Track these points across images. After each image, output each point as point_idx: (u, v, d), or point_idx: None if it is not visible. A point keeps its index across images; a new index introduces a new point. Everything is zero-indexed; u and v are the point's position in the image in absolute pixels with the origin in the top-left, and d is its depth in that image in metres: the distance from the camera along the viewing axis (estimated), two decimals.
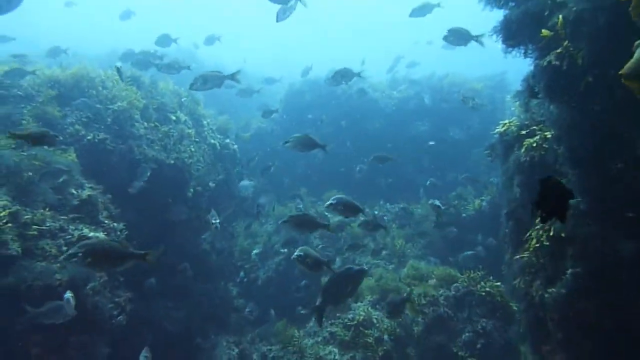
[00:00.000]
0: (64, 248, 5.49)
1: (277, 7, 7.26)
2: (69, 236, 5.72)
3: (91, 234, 5.98)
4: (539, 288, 4.76)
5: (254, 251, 10.70)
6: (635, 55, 2.82)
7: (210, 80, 6.81)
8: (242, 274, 10.30)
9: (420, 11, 8.29)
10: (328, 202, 5.76)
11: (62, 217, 5.89)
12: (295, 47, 39.08)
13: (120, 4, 14.87)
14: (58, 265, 5.19)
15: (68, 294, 4.82)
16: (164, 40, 11.41)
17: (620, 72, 2.86)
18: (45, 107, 7.05)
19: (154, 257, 4.08)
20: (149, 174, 7.81)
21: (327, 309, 5.47)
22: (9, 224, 4.95)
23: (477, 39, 7.43)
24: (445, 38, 7.55)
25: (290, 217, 5.52)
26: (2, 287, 4.61)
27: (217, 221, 6.71)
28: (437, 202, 7.98)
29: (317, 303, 5.18)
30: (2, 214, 4.92)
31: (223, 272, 10.60)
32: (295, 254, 5.23)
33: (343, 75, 8.87)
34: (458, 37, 7.45)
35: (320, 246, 10.61)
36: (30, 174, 5.70)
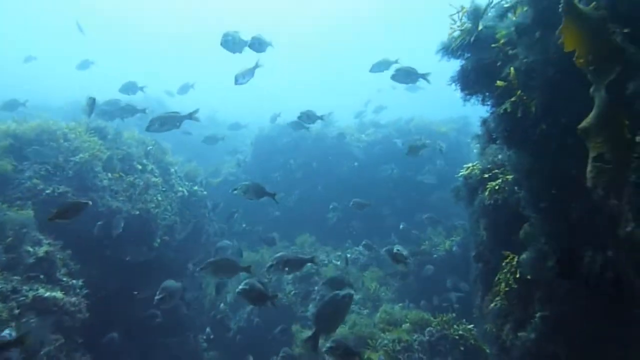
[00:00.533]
0: (16, 311, 5.17)
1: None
2: (23, 297, 5.40)
3: (47, 294, 5.67)
4: (509, 332, 4.73)
5: (221, 305, 10.37)
6: (594, 112, 2.94)
7: (169, 122, 6.54)
8: (207, 329, 9.88)
9: (379, 67, 8.56)
10: (268, 264, 5.50)
11: (16, 278, 5.58)
12: (267, 95, 39.76)
13: (87, 54, 14.83)
14: (8, 331, 4.85)
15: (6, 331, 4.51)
16: (130, 87, 10.95)
17: (578, 127, 2.99)
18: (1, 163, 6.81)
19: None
20: (122, 224, 7.57)
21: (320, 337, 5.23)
22: None
23: (424, 76, 7.67)
24: (393, 77, 7.75)
25: (209, 263, 5.35)
26: None
27: (160, 297, 5.97)
28: (398, 248, 7.81)
29: (311, 333, 5.09)
30: None
31: (193, 324, 10.20)
32: (240, 287, 5.08)
33: (308, 117, 9.02)
34: (405, 75, 7.68)
35: (293, 292, 10.38)
36: None
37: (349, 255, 11.77)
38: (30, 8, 46.82)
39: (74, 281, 6.48)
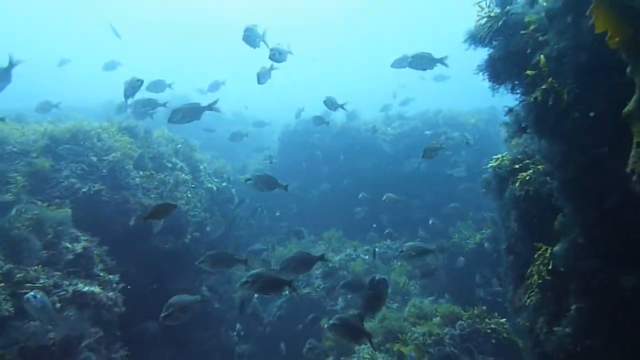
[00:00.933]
0: (58, 305, 5.39)
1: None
2: (63, 292, 5.63)
3: (85, 289, 5.89)
4: (543, 325, 4.64)
5: (255, 295, 10.49)
6: (637, 94, 2.83)
7: (190, 113, 6.65)
8: (237, 326, 10.00)
9: (400, 63, 8.36)
10: (242, 280, 5.09)
11: (56, 273, 5.81)
12: (297, 90, 39.84)
13: (114, 54, 15.14)
14: (52, 323, 5.07)
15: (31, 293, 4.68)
16: (157, 85, 11.12)
17: (623, 111, 2.88)
18: (39, 162, 7.07)
19: None
20: (162, 223, 7.72)
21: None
22: (2, 284, 4.87)
23: (441, 61, 7.47)
24: (410, 64, 7.58)
25: (206, 256, 5.37)
26: None
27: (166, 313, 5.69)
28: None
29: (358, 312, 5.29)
30: None
31: (224, 318, 10.39)
32: (244, 279, 4.94)
33: (332, 103, 9.05)
34: (423, 61, 7.51)
35: (322, 286, 10.44)
36: (22, 230, 5.65)
37: (377, 250, 11.74)
38: (58, 9, 48.22)
39: (111, 276, 6.70)
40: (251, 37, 7.02)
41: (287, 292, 10.29)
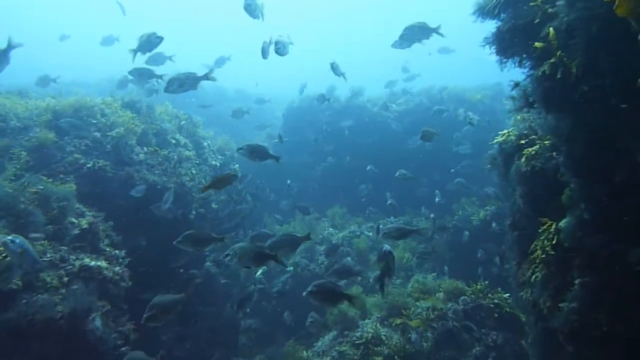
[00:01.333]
0: (65, 279, 5.45)
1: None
2: (70, 266, 5.69)
3: (92, 263, 5.95)
4: (547, 300, 4.67)
5: (258, 272, 10.60)
6: None
7: (187, 82, 6.57)
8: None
9: (401, 44, 7.97)
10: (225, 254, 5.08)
11: (63, 248, 5.87)
12: (303, 64, 39.40)
13: (125, 30, 14.91)
14: (59, 297, 5.14)
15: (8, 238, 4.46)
16: (157, 58, 10.39)
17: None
18: (43, 137, 7.06)
19: None
20: (172, 198, 7.76)
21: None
22: (8, 258, 4.91)
23: (436, 31, 7.25)
24: (402, 37, 7.35)
25: (184, 236, 5.44)
26: (3, 323, 4.56)
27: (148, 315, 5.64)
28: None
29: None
30: (1, 248, 4.89)
31: (230, 293, 10.52)
32: (227, 252, 4.93)
33: (335, 68, 9.17)
34: (417, 32, 7.29)
35: (325, 262, 10.52)
36: (28, 204, 5.68)
37: (380, 226, 11.76)
38: None
39: (117, 251, 6.76)
40: (251, 7, 6.92)
41: (291, 267, 10.46)
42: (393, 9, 49.01)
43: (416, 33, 7.26)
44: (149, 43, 7.44)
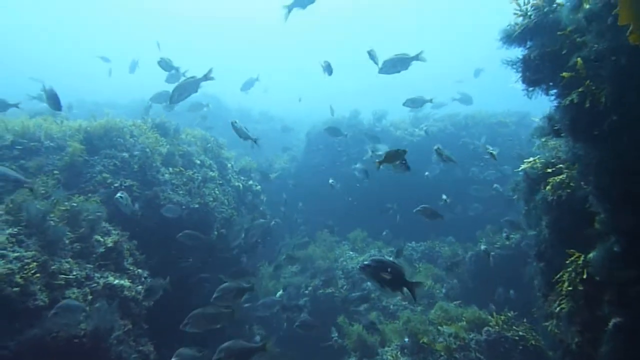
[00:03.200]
0: (90, 297, 5.54)
1: None
2: (95, 284, 5.78)
3: (116, 282, 6.03)
4: (574, 335, 4.51)
5: (278, 293, 10.55)
6: None
7: (187, 88, 6.65)
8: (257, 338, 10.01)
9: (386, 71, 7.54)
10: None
11: (88, 265, 5.97)
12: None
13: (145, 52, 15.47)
14: (83, 314, 5.22)
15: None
16: (174, 76, 10.77)
17: None
18: (73, 156, 7.29)
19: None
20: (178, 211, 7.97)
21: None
22: (37, 275, 5.04)
23: (418, 57, 7.11)
24: (381, 70, 7.23)
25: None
26: (29, 340, 4.64)
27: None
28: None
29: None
30: (31, 265, 5.02)
31: (247, 315, 10.49)
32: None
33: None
34: (396, 64, 7.18)
35: (345, 287, 10.43)
36: (57, 222, 5.83)
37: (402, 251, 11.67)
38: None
39: (140, 270, 6.85)
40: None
41: (310, 289, 10.38)
42: (421, 32, 49.62)
43: (395, 65, 7.21)
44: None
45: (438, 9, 48.80)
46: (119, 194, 6.80)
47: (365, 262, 4.27)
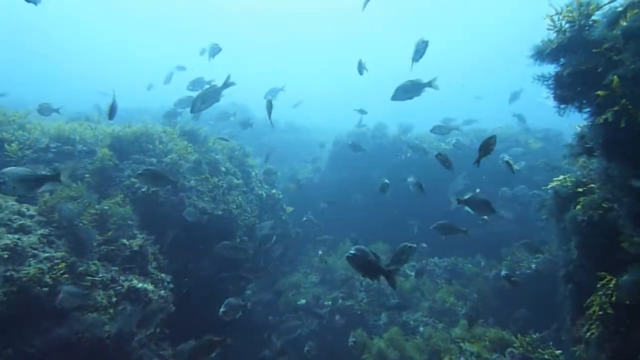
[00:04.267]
0: (114, 299, 5.63)
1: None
2: (119, 287, 5.87)
3: (139, 285, 6.13)
4: None
5: (299, 302, 10.52)
6: None
7: (209, 98, 6.67)
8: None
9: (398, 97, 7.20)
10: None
11: (114, 268, 6.09)
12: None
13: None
14: (107, 316, 5.31)
15: None
16: (198, 83, 10.80)
17: None
18: (104, 161, 7.47)
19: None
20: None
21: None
22: (66, 275, 5.16)
23: (430, 84, 6.85)
24: (394, 97, 6.98)
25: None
26: (56, 339, 4.74)
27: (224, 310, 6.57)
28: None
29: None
30: (60, 265, 5.15)
31: (267, 324, 10.49)
32: None
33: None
34: (408, 90, 7.00)
35: (365, 300, 10.33)
36: (87, 224, 5.98)
37: (424, 267, 11.52)
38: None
39: (163, 275, 6.95)
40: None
41: (330, 302, 10.32)
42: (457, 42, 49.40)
43: (408, 91, 7.05)
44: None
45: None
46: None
47: (352, 252, 4.46)
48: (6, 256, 4.77)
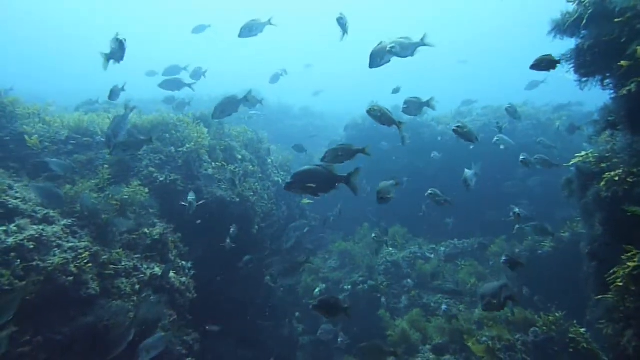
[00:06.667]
0: (137, 287, 5.73)
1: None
2: (142, 275, 5.97)
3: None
4: (631, 339, 4.28)
5: (317, 289, 10.58)
6: None
7: (228, 107, 7.04)
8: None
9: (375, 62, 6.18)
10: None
11: (136, 256, 6.18)
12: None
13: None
14: (132, 304, 5.41)
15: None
16: (173, 70, 11.25)
17: None
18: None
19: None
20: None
21: None
22: (90, 264, 5.25)
23: (423, 43, 6.58)
24: (405, 110, 6.95)
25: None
26: (83, 326, 4.85)
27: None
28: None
29: None
30: (84, 255, 5.24)
31: (288, 309, 10.59)
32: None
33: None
34: (413, 107, 6.85)
35: (385, 283, 10.33)
36: (109, 214, 6.07)
37: (443, 250, 11.45)
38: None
39: (184, 262, 7.04)
40: (343, 21, 6.59)
41: (349, 286, 10.35)
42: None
43: (413, 108, 6.91)
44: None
45: None
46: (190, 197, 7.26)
47: (290, 180, 4.34)
48: (32, 247, 4.87)
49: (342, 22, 6.60)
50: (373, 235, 10.71)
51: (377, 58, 5.83)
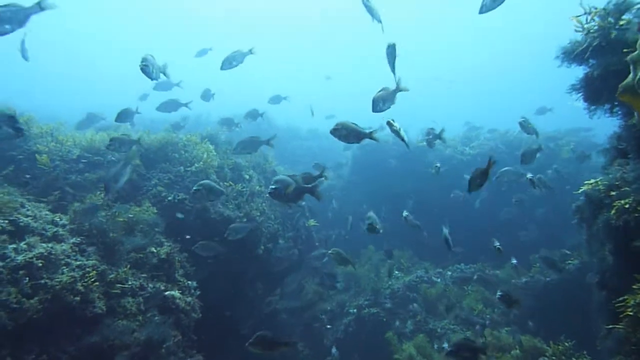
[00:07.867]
0: (143, 307, 5.71)
1: None
2: (148, 294, 5.95)
3: (167, 292, 6.19)
4: None
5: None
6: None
7: (249, 146, 8.16)
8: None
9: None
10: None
11: (142, 275, 6.17)
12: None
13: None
14: (137, 324, 5.38)
15: None
16: (165, 85, 11.07)
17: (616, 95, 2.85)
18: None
19: None
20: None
21: None
22: (96, 283, 5.25)
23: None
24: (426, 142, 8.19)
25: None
26: (88, 346, 4.83)
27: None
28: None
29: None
30: (91, 273, 5.24)
31: (293, 331, 10.49)
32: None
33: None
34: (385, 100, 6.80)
35: (388, 305, 10.23)
36: (117, 233, 6.09)
37: (449, 273, 11.35)
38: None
39: (189, 282, 7.01)
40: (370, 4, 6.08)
41: (354, 310, 10.25)
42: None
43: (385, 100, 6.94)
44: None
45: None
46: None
47: (273, 187, 4.83)
48: (40, 264, 4.88)
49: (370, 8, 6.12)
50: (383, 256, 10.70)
51: (380, 103, 5.98)
